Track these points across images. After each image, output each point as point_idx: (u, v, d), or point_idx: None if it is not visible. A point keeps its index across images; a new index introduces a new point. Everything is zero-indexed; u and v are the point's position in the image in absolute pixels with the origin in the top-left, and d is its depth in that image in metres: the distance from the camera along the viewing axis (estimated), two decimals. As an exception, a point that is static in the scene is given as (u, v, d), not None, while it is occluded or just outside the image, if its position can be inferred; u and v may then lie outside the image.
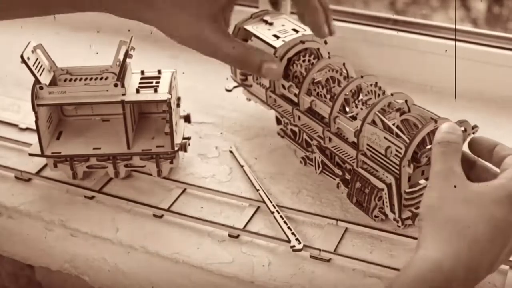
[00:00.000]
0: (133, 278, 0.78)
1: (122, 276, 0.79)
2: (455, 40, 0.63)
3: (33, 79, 0.81)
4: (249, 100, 0.93)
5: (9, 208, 0.84)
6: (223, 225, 0.77)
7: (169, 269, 0.76)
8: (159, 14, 0.66)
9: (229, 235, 0.77)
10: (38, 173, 0.87)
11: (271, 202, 0.80)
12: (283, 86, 0.84)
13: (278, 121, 0.90)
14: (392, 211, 0.72)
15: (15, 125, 0.96)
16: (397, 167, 0.70)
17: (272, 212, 0.79)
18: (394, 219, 0.73)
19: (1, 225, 0.84)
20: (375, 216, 0.76)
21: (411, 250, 0.73)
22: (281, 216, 0.78)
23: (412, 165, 0.68)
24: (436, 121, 0.68)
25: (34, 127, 0.82)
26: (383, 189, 0.72)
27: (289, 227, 0.76)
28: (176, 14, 0.66)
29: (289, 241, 0.74)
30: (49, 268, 0.84)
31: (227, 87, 0.97)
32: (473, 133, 0.70)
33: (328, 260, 0.73)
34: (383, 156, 0.71)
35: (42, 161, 0.87)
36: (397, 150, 0.69)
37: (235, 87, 0.96)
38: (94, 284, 0.82)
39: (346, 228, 0.77)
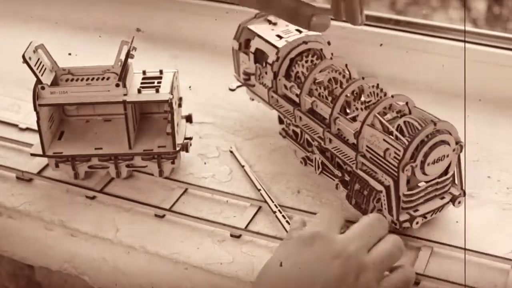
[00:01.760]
0: (133, 278, 0.78)
1: (122, 276, 0.79)
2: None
3: (34, 79, 0.80)
4: (253, 100, 0.94)
5: (9, 208, 0.84)
6: (225, 225, 0.77)
7: (169, 269, 0.76)
8: None
9: (231, 235, 0.77)
10: (39, 173, 0.87)
11: (273, 202, 0.80)
12: (285, 86, 0.84)
13: (281, 121, 0.90)
14: (390, 213, 0.72)
15: (15, 125, 0.96)
16: (396, 170, 0.70)
17: (274, 212, 0.79)
18: (392, 222, 0.73)
19: (1, 225, 0.84)
20: None
21: (410, 249, 0.73)
22: (283, 216, 0.78)
23: (410, 168, 0.68)
24: (435, 124, 0.68)
25: (34, 127, 0.82)
26: (381, 191, 0.72)
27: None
28: None
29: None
30: (49, 268, 0.84)
31: (230, 87, 0.97)
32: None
33: (330, 260, 0.73)
34: (382, 158, 0.71)
35: (42, 161, 0.87)
36: (395, 153, 0.69)
37: (238, 86, 0.96)
38: (94, 284, 0.82)
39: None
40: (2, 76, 1.10)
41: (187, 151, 0.85)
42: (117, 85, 0.80)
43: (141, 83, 0.83)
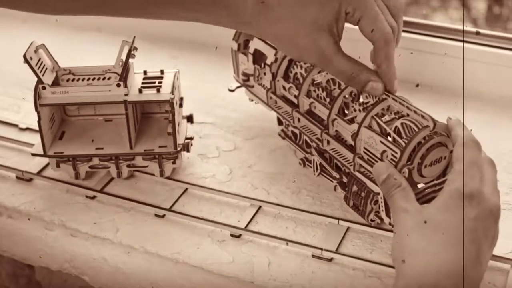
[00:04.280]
0: (133, 278, 0.79)
1: (122, 276, 0.79)
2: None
3: (34, 79, 0.80)
4: (252, 100, 0.94)
5: (9, 208, 0.84)
6: (225, 225, 0.78)
7: (169, 269, 0.76)
8: (276, 26, 0.69)
9: (231, 235, 0.77)
10: (39, 173, 0.87)
11: (272, 203, 0.80)
12: (284, 88, 0.84)
13: (280, 122, 0.90)
14: (388, 215, 0.72)
15: (15, 125, 0.96)
16: None
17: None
18: (390, 224, 0.73)
19: (1, 225, 0.84)
20: (371, 220, 0.76)
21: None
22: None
23: (407, 170, 0.68)
24: (433, 125, 0.68)
25: (34, 127, 0.82)
26: (379, 193, 0.72)
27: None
28: (294, 26, 0.69)
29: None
30: (49, 268, 0.84)
31: (229, 87, 0.97)
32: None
33: (330, 260, 0.73)
34: (379, 160, 0.71)
35: (42, 161, 0.87)
36: (392, 155, 0.69)
37: (237, 87, 0.96)
38: (94, 284, 0.82)
39: (348, 228, 0.77)
40: (2, 76, 1.10)
41: (188, 151, 0.86)
42: (118, 85, 0.80)
43: (142, 83, 0.83)
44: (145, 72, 0.85)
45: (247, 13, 0.68)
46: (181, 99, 0.88)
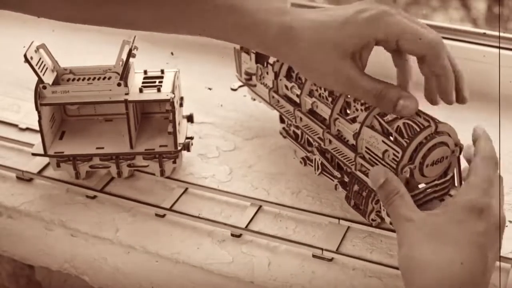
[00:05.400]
0: (133, 278, 0.79)
1: (122, 276, 0.79)
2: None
3: (34, 79, 0.80)
4: (254, 99, 0.94)
5: (9, 208, 0.84)
6: (225, 224, 0.77)
7: (169, 269, 0.76)
8: (298, 51, 0.67)
9: (232, 235, 0.77)
10: (39, 173, 0.87)
11: (273, 202, 0.80)
12: (286, 87, 0.84)
13: (282, 120, 0.90)
14: (389, 215, 0.72)
15: (15, 125, 0.96)
16: (394, 171, 0.69)
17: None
18: (390, 223, 0.73)
19: (1, 225, 0.84)
20: (372, 220, 0.76)
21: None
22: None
23: (409, 169, 0.68)
24: (434, 125, 0.68)
25: (34, 127, 0.82)
26: None
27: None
28: (316, 51, 0.66)
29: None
30: (49, 268, 0.84)
31: (232, 86, 0.97)
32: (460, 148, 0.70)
33: (331, 260, 0.73)
34: (381, 160, 0.71)
35: (42, 161, 0.87)
36: (394, 154, 0.69)
37: (240, 86, 0.96)
38: (94, 284, 0.82)
39: (348, 228, 0.77)
40: (2, 76, 1.10)
41: (188, 150, 0.86)
42: (119, 85, 0.80)
43: (143, 82, 0.83)
44: (145, 72, 0.85)
45: (270, 35, 0.66)
46: (182, 98, 0.88)
